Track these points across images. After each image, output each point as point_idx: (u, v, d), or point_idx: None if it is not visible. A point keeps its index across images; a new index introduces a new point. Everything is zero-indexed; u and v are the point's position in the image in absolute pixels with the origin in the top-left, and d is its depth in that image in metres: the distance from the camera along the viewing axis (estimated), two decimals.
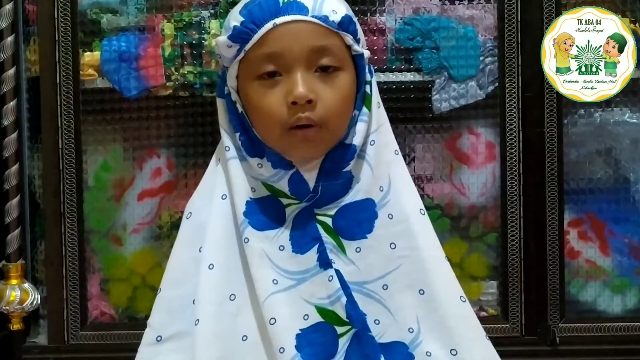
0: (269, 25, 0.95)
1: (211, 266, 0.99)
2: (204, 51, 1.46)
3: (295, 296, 0.98)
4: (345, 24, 0.97)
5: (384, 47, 1.47)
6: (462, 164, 1.52)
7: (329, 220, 1.00)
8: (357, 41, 0.99)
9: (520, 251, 1.47)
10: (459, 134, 1.52)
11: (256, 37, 0.95)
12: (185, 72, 1.47)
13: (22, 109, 1.51)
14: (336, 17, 0.96)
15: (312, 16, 0.95)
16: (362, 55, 1.00)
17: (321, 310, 0.98)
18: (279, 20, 0.94)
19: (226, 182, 1.02)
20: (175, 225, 1.06)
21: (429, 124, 1.51)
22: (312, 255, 0.99)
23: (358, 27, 1.00)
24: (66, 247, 1.49)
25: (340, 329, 0.98)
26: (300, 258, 0.99)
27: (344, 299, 0.97)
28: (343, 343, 0.98)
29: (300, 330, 0.97)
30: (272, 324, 0.96)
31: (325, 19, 0.95)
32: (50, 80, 1.48)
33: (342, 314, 0.97)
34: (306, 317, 0.98)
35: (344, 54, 0.98)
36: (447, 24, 1.47)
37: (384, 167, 1.02)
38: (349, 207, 1.00)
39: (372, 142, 1.01)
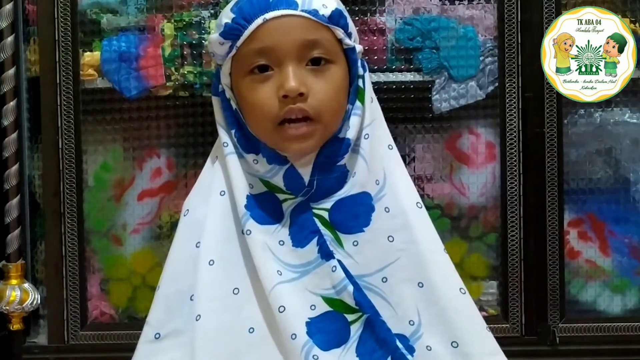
0: (259, 21, 0.95)
1: (211, 262, 0.99)
2: (204, 51, 1.46)
3: (300, 288, 0.98)
4: (335, 18, 0.97)
5: (384, 47, 1.47)
6: (462, 164, 1.52)
7: (325, 214, 1.00)
8: (349, 35, 1.00)
9: (520, 251, 1.47)
10: (459, 134, 1.52)
11: (247, 32, 0.96)
12: (185, 72, 1.47)
13: (22, 109, 1.51)
14: (326, 11, 0.97)
15: (302, 10, 0.96)
16: (353, 48, 1.00)
17: (328, 300, 0.98)
18: (269, 15, 0.95)
19: (224, 178, 1.02)
20: (175, 225, 1.06)
21: (429, 124, 1.51)
22: (312, 247, 0.99)
23: (349, 21, 1.01)
24: (66, 247, 1.49)
25: (350, 317, 0.98)
26: (301, 252, 0.99)
27: (350, 288, 0.97)
28: (355, 329, 0.98)
29: (309, 319, 0.97)
30: (282, 312, 0.96)
31: (315, 12, 0.96)
32: (50, 80, 1.48)
33: (351, 302, 0.98)
34: (313, 307, 0.98)
35: (335, 48, 0.98)
36: (447, 24, 1.47)
37: (378, 161, 1.02)
38: (344, 201, 1.00)
39: (367, 136, 1.02)
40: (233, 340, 0.98)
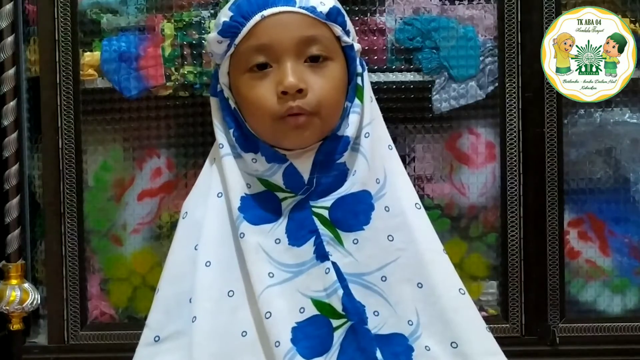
0: (257, 18, 0.96)
1: (208, 263, 0.99)
2: (204, 51, 1.46)
3: (291, 289, 0.98)
4: (333, 15, 0.98)
5: (384, 47, 1.47)
6: (462, 164, 1.52)
7: (325, 212, 1.00)
8: (347, 33, 1.00)
9: (520, 251, 1.47)
10: (459, 134, 1.52)
11: (245, 30, 0.96)
12: (185, 72, 1.47)
13: (22, 109, 1.51)
14: (324, 8, 0.97)
15: (300, 7, 0.96)
16: (351, 46, 1.01)
17: (317, 303, 0.98)
18: (267, 12, 0.96)
19: (221, 179, 1.02)
20: (175, 226, 1.06)
21: (429, 124, 1.51)
22: (309, 247, 0.99)
23: (347, 19, 1.01)
24: (66, 247, 1.49)
25: (335, 322, 0.98)
26: (297, 251, 0.99)
27: (340, 292, 0.97)
28: (338, 336, 0.98)
29: (297, 323, 0.97)
30: (268, 318, 0.96)
31: (312, 9, 0.97)
32: (50, 80, 1.48)
33: (338, 307, 0.97)
34: (302, 310, 0.98)
35: (334, 45, 0.99)
36: (447, 24, 1.47)
37: (379, 160, 1.02)
38: (345, 199, 1.01)
39: (367, 135, 1.02)
40: (227, 342, 0.98)
